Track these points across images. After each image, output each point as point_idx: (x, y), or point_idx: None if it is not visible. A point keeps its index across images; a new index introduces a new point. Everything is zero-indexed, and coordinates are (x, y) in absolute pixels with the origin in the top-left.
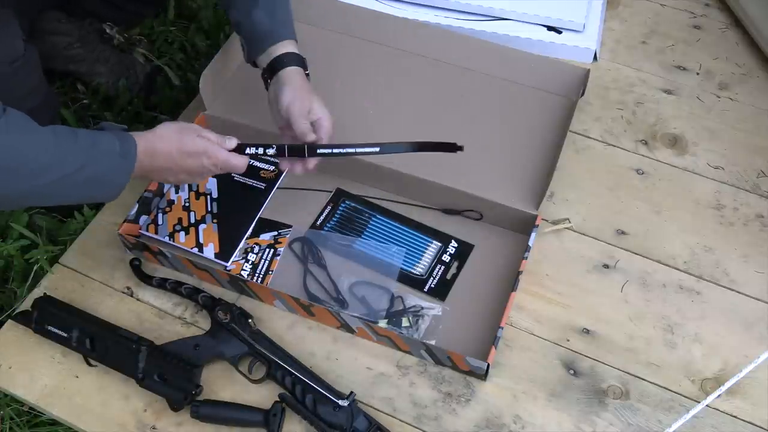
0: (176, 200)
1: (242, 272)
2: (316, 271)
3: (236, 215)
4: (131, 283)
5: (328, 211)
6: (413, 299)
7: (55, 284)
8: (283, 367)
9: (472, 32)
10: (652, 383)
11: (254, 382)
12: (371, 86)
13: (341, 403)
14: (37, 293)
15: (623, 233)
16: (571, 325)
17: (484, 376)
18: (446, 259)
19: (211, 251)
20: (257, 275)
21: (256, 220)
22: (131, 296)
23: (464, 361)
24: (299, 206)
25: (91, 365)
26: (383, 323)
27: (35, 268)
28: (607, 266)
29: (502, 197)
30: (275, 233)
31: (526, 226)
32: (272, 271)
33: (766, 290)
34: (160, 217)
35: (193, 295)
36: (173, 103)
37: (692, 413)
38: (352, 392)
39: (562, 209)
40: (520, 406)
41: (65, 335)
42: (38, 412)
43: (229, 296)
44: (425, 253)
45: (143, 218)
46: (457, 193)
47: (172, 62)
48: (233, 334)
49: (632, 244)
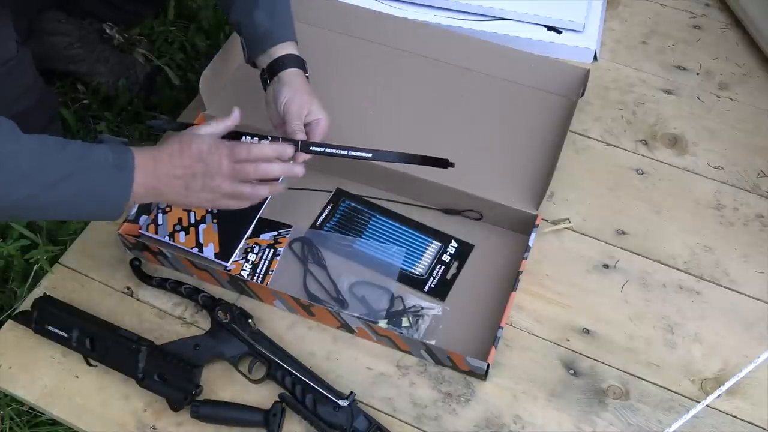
0: None
1: (242, 272)
2: (316, 271)
3: (236, 215)
4: (131, 283)
5: (328, 211)
6: (413, 299)
7: (55, 284)
8: (283, 367)
9: (472, 32)
10: (652, 383)
11: (254, 382)
12: (371, 86)
13: (341, 403)
14: (37, 293)
15: (623, 233)
16: (571, 325)
17: (484, 376)
18: (446, 259)
19: (211, 251)
20: (257, 275)
21: (256, 220)
22: (131, 296)
23: (464, 361)
24: (299, 206)
25: (91, 365)
26: (383, 323)
27: (35, 268)
28: (607, 266)
29: (502, 197)
30: (275, 233)
31: (526, 226)
32: (272, 271)
33: (766, 290)
34: (160, 217)
35: (193, 295)
36: (173, 103)
37: (692, 413)
38: (352, 392)
39: (562, 209)
40: (520, 406)
41: (65, 335)
42: (38, 412)
43: (229, 296)
44: (425, 253)
45: (143, 218)
46: (457, 193)
47: (172, 62)
48: (233, 334)
49: (632, 244)
